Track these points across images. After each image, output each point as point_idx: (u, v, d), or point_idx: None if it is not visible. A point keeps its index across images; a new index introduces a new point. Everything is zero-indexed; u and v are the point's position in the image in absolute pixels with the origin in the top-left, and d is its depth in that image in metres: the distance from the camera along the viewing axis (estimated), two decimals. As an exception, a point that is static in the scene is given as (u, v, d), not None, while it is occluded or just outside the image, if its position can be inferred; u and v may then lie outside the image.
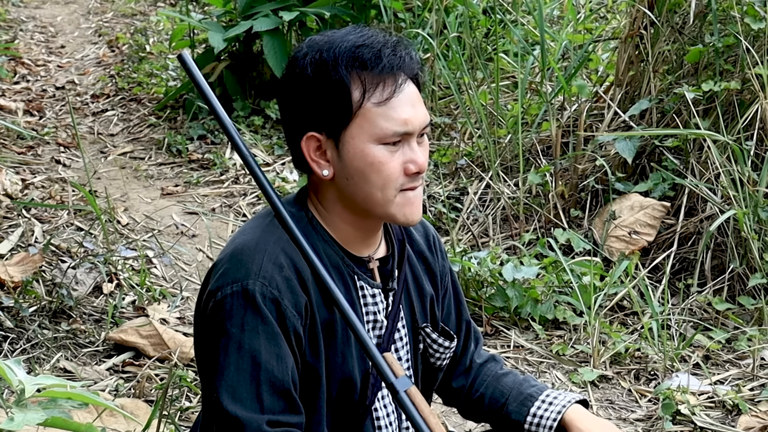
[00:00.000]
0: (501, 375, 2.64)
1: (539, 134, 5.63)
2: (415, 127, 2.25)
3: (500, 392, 2.59)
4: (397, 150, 2.24)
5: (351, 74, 2.21)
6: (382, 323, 2.39)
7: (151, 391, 3.82)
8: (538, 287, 4.53)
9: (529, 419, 2.52)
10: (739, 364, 4.24)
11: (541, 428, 2.50)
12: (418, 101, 2.28)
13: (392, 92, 2.22)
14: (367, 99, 2.21)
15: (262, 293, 2.19)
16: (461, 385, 2.65)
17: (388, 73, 2.23)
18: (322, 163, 2.27)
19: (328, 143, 2.25)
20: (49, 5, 10.68)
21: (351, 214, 2.32)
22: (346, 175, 2.26)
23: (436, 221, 5.30)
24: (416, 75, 2.29)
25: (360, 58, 2.22)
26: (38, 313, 4.23)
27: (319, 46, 2.25)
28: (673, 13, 5.20)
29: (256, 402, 2.17)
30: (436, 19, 6.13)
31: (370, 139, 2.22)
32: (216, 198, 5.78)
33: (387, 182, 2.24)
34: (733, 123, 4.83)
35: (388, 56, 2.23)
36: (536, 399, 2.54)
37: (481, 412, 2.62)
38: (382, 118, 2.22)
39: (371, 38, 2.26)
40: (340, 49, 2.23)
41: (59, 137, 6.63)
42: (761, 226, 4.55)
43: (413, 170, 2.25)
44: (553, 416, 2.50)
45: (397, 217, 2.29)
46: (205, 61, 6.90)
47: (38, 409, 1.84)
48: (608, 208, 4.94)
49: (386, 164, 2.23)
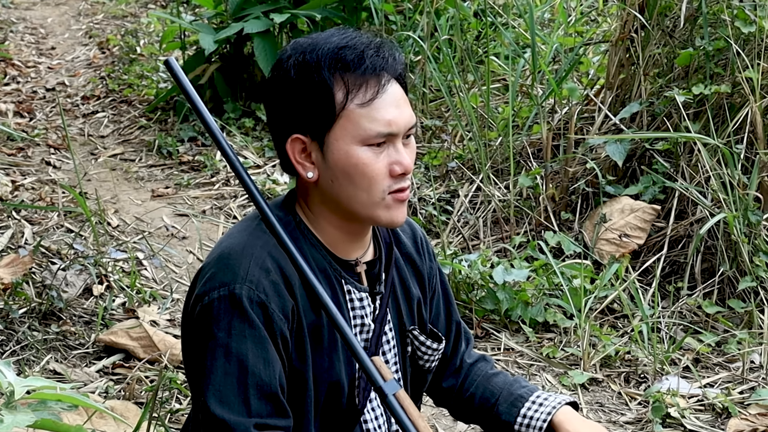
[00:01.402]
0: (491, 375, 2.65)
1: (530, 137, 5.64)
2: (400, 128, 2.24)
3: (490, 392, 2.60)
4: (382, 151, 2.23)
5: (334, 76, 2.21)
6: (369, 327, 2.39)
7: (141, 393, 3.82)
8: (528, 290, 4.53)
9: (519, 420, 2.52)
10: (729, 367, 4.25)
11: (531, 429, 2.50)
12: (403, 102, 2.27)
13: (375, 93, 2.21)
14: (350, 100, 2.21)
15: (249, 297, 2.19)
16: (451, 384, 2.65)
17: (371, 74, 2.22)
18: (307, 165, 2.27)
19: (312, 145, 2.25)
20: (40, 7, 10.66)
21: (337, 217, 2.31)
22: (330, 177, 2.25)
23: (426, 224, 5.30)
24: (401, 75, 2.28)
25: (343, 59, 2.21)
26: (28, 314, 4.22)
27: (303, 48, 2.25)
28: (664, 17, 5.21)
29: (243, 405, 2.17)
30: (427, 22, 6.13)
31: (354, 140, 2.21)
32: (206, 200, 5.77)
33: (372, 183, 2.23)
34: (724, 126, 4.83)
35: (371, 57, 2.23)
36: (526, 400, 2.55)
37: (472, 412, 2.62)
38: (365, 119, 2.21)
39: (354, 40, 2.25)
40: (323, 50, 2.22)
41: (49, 139, 6.62)
42: (751, 230, 4.56)
43: (398, 171, 2.24)
44: (543, 417, 2.50)
45: (381, 219, 2.28)
46: (196, 63, 6.89)
47: (28, 411, 1.84)
48: (599, 211, 4.95)
49: (370, 165, 2.22)
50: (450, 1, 6.38)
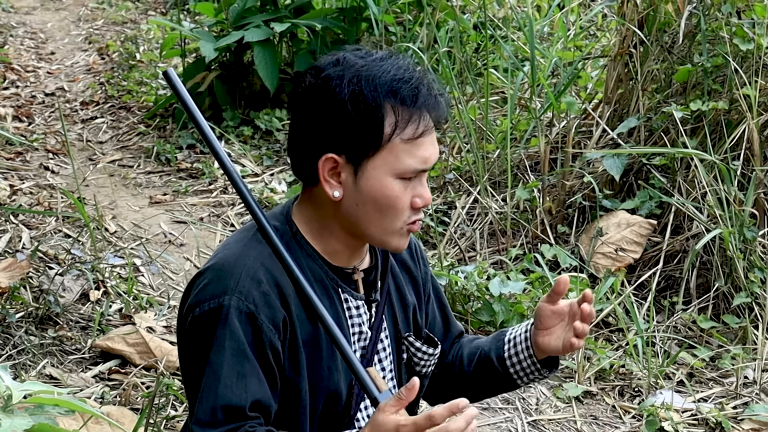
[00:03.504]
0: (474, 338, 2.73)
1: (528, 150, 5.65)
2: (431, 165, 2.30)
3: (475, 346, 2.67)
4: (410, 185, 2.28)
5: (386, 107, 2.23)
6: (366, 334, 2.41)
7: (138, 399, 3.82)
8: (524, 302, 4.54)
9: (506, 348, 2.59)
10: (723, 383, 4.26)
11: (518, 346, 2.57)
12: (436, 140, 2.32)
13: (422, 132, 2.26)
14: (397, 134, 2.23)
15: (237, 308, 2.22)
16: (446, 363, 2.70)
17: (422, 112, 2.26)
18: (333, 184, 2.28)
19: (346, 167, 2.26)
20: (40, 11, 10.67)
21: (345, 234, 2.35)
22: (357, 201, 2.28)
23: (423, 235, 5.31)
24: (444, 119, 2.34)
25: (398, 93, 2.24)
26: (25, 319, 4.22)
27: (357, 70, 2.25)
28: (663, 33, 5.23)
29: (210, 416, 2.20)
30: (427, 34, 6.15)
31: (391, 172, 2.25)
32: (204, 207, 5.78)
33: (397, 215, 2.28)
34: (721, 143, 4.85)
35: (424, 95, 2.26)
36: (506, 331, 2.62)
37: (466, 377, 2.66)
38: (407, 154, 2.25)
39: (409, 73, 2.27)
40: (380, 79, 2.23)
41: (48, 144, 6.63)
42: (746, 246, 4.57)
43: (420, 204, 2.29)
44: (525, 328, 2.58)
45: (391, 245, 2.34)
46: (196, 70, 6.90)
47: (25, 415, 1.84)
48: (595, 225, 4.96)
49: (400, 198, 2.27)
50: (450, 13, 6.40)
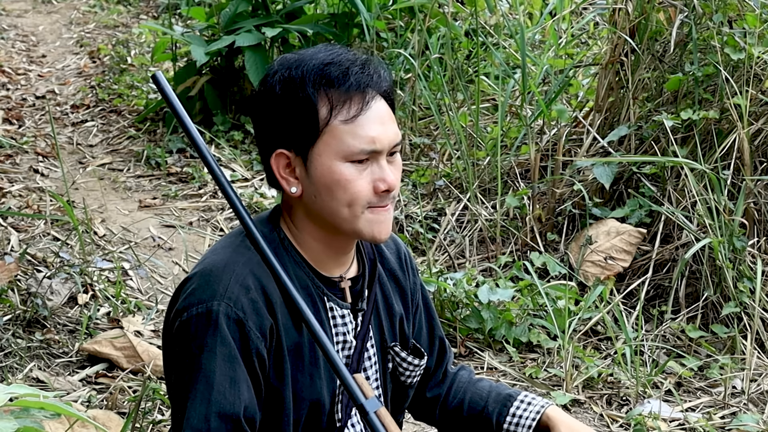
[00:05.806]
0: (476, 380, 2.68)
1: (518, 157, 5.65)
2: (384, 146, 2.25)
3: (479, 395, 2.62)
4: (365, 168, 2.24)
5: (318, 92, 2.22)
6: (351, 344, 2.39)
7: (124, 403, 3.81)
8: (513, 310, 4.54)
9: (509, 419, 2.55)
10: (711, 392, 4.26)
11: (520, 428, 2.53)
12: (388, 119, 2.27)
13: (359, 110, 2.23)
14: (334, 116, 2.22)
15: (226, 314, 2.20)
16: (436, 394, 2.67)
17: (355, 91, 2.23)
18: (291, 180, 2.28)
19: (296, 160, 2.26)
20: (32, 14, 10.65)
21: (321, 231, 2.32)
22: (313, 192, 2.26)
23: (413, 241, 5.30)
24: (387, 93, 2.29)
25: (327, 75, 2.23)
26: (12, 322, 4.21)
27: (289, 63, 2.26)
28: (654, 41, 5.24)
29: (204, 422, 2.17)
30: (418, 40, 6.15)
31: (337, 156, 2.22)
32: (193, 212, 5.77)
33: (354, 199, 2.24)
34: (711, 152, 4.86)
35: (356, 74, 2.24)
36: (515, 399, 2.58)
37: (460, 419, 2.63)
38: (349, 135, 2.22)
39: (340, 56, 2.26)
40: (308, 66, 2.23)
41: (38, 147, 6.61)
42: (736, 255, 4.57)
43: (382, 188, 2.25)
44: (533, 416, 2.54)
45: (364, 234, 2.29)
46: (187, 74, 6.90)
47: (10, 419, 1.84)
48: (585, 233, 4.96)
49: (353, 182, 2.23)
50: (441, 20, 6.40)
